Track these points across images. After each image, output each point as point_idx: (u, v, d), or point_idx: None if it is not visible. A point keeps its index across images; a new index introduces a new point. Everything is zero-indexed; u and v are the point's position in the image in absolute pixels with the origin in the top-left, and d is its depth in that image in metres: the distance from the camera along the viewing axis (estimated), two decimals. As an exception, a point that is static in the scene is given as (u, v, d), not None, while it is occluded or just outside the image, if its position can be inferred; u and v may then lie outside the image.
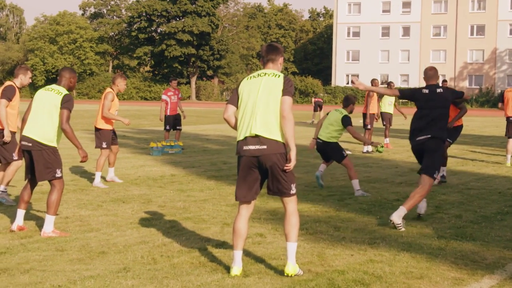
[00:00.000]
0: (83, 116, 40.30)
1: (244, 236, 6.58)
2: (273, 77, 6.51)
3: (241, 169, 6.54)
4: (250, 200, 6.59)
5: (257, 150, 6.39)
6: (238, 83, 6.71)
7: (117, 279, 6.37)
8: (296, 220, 6.57)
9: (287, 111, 6.37)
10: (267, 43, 6.84)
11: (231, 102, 6.66)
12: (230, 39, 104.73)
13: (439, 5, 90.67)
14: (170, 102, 20.14)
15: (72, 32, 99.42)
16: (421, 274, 6.66)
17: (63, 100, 8.36)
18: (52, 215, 8.30)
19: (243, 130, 6.48)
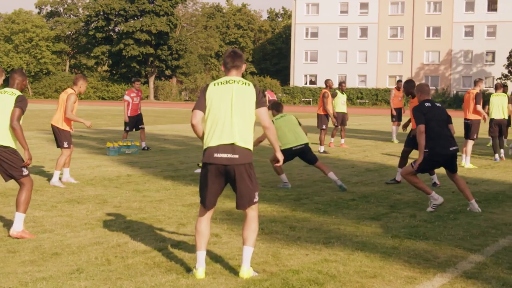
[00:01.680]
0: (39, 116, 39.80)
1: (207, 236, 6.62)
2: (243, 85, 6.54)
3: (208, 176, 6.49)
4: (212, 208, 6.66)
5: (228, 159, 6.38)
6: (204, 88, 6.62)
7: (70, 281, 6.30)
8: (256, 226, 6.63)
9: (268, 121, 6.59)
10: (230, 49, 6.79)
11: (199, 107, 6.51)
12: (188, 39, 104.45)
13: (396, 7, 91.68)
14: (132, 103, 20.06)
15: (28, 30, 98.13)
16: (375, 273, 6.72)
17: (16, 99, 8.37)
18: (23, 213, 8.21)
19: (214, 138, 6.41)
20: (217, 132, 6.41)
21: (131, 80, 21.53)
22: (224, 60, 6.72)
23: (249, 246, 6.55)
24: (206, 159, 6.44)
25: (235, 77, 6.61)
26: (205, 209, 6.63)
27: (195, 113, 6.51)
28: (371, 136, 28.14)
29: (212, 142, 6.41)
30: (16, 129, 8.29)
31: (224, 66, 6.72)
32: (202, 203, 6.63)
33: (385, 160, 17.80)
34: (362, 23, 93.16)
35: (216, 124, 6.42)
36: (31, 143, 21.47)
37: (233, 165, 6.40)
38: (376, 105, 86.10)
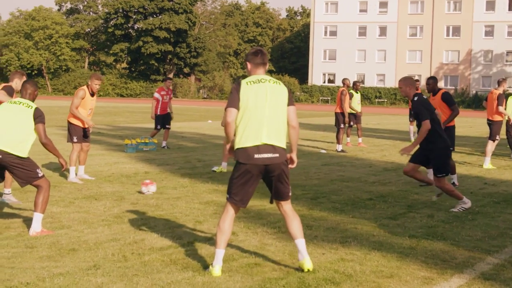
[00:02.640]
0: (58, 112, 40.01)
1: (229, 235, 6.65)
2: (275, 84, 6.56)
3: (247, 176, 6.45)
4: (245, 206, 6.67)
5: (270, 159, 6.40)
6: (236, 87, 6.50)
7: (86, 277, 6.32)
8: (298, 217, 6.79)
9: (296, 121, 6.63)
10: (256, 48, 6.77)
11: (234, 105, 6.40)
12: (207, 37, 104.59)
13: (416, 6, 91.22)
14: (161, 101, 20.13)
15: (47, 27, 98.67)
16: (391, 273, 6.69)
17: (35, 114, 8.47)
18: (41, 213, 8.24)
19: (250, 137, 6.38)
20: (253, 131, 6.38)
21: (163, 78, 21.54)
22: (250, 58, 6.68)
23: (302, 238, 6.65)
24: (244, 159, 6.39)
25: (265, 76, 6.60)
26: (236, 209, 6.62)
27: (231, 111, 6.40)
28: (389, 135, 28.03)
29: (248, 142, 6.38)
30: (48, 144, 8.48)
31: (250, 63, 6.66)
32: (234, 202, 6.56)
33: (403, 160, 17.68)
34: (381, 22, 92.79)
35: (252, 123, 6.38)
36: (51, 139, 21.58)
37: (274, 164, 6.43)
38: (394, 104, 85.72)
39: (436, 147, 10.15)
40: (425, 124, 9.96)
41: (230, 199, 6.58)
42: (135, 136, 22.43)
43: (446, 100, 12.85)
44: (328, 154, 19.00)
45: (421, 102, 10.12)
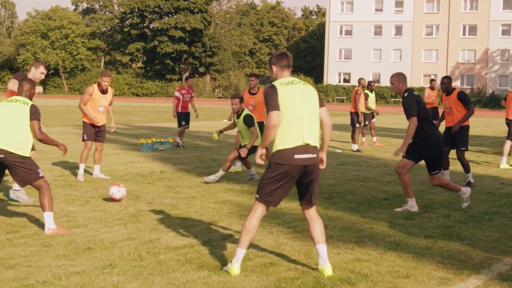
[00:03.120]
0: (74, 112, 40.17)
1: (254, 236, 6.68)
2: (305, 85, 6.60)
3: (285, 177, 6.41)
4: (276, 205, 6.66)
5: (309, 159, 6.42)
6: (272, 89, 6.41)
7: (102, 275, 6.34)
8: (322, 222, 6.80)
9: (330, 120, 6.73)
10: (280, 51, 6.77)
11: (276, 108, 6.35)
12: (222, 36, 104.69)
13: (432, 5, 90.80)
14: (182, 99, 20.23)
15: (64, 27, 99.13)
16: (408, 273, 6.66)
17: (31, 111, 8.45)
18: (50, 211, 8.27)
19: (291, 139, 6.37)
20: (293, 133, 6.37)
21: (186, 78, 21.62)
22: (275, 61, 6.64)
23: (324, 244, 6.63)
24: (284, 160, 6.36)
25: (293, 78, 6.61)
26: (266, 209, 6.58)
27: (275, 114, 6.33)
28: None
29: (289, 143, 6.37)
30: (44, 139, 8.49)
31: (276, 66, 6.64)
32: (266, 202, 6.52)
33: (419, 160, 17.61)
34: (397, 21, 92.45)
35: (291, 125, 6.37)
36: (66, 138, 21.72)
37: (311, 165, 6.45)
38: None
39: (429, 144, 10.08)
40: (413, 121, 9.85)
41: (261, 199, 6.52)
42: (150, 135, 22.48)
43: (462, 99, 12.79)
44: (343, 154, 18.96)
45: (411, 98, 9.98)
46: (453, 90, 12.94)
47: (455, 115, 12.82)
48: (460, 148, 12.87)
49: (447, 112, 13.02)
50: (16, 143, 8.29)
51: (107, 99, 12.92)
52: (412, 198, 10.17)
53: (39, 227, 8.48)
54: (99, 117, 12.84)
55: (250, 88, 14.90)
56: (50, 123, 30.00)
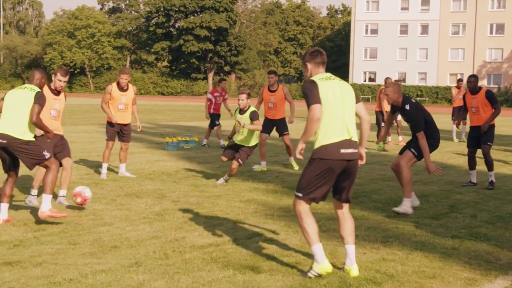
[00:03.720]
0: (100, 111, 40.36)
1: (317, 228, 6.57)
2: (341, 81, 6.58)
3: (327, 172, 6.35)
4: (322, 200, 6.59)
5: (351, 154, 6.40)
6: (312, 84, 6.38)
7: (128, 274, 6.37)
8: (353, 222, 6.76)
9: (368, 115, 6.75)
10: (313, 48, 6.75)
11: (318, 101, 6.30)
12: (247, 35, 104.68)
13: (458, 3, 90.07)
14: (214, 102, 20.34)
15: (90, 26, 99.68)
16: (434, 273, 6.62)
17: (36, 96, 8.62)
18: (49, 194, 8.51)
19: (335, 133, 6.33)
20: (336, 127, 6.34)
21: (218, 79, 21.66)
22: (309, 58, 6.61)
23: (353, 244, 6.61)
24: (329, 155, 6.31)
25: (329, 74, 6.57)
26: (309, 204, 6.50)
27: (318, 107, 6.28)
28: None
29: (333, 138, 6.32)
30: (38, 123, 8.57)
31: (311, 63, 6.60)
32: (311, 200, 6.46)
33: (445, 159, 17.52)
34: (423, 20, 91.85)
35: (334, 119, 6.34)
36: (92, 137, 21.85)
37: (354, 160, 6.45)
38: (436, 103, 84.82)
39: (435, 142, 10.13)
40: (422, 135, 9.77)
41: (304, 197, 6.44)
42: (176, 134, 22.56)
43: (489, 98, 12.64)
44: (369, 153, 18.86)
45: (416, 110, 9.89)
46: (480, 89, 12.80)
47: (481, 115, 12.66)
48: (487, 142, 12.67)
49: (472, 111, 12.83)
50: (18, 128, 8.49)
51: (127, 96, 12.89)
52: (409, 199, 9.85)
53: (65, 225, 8.54)
54: (120, 115, 12.82)
55: (270, 85, 14.84)
56: (76, 121, 30.21)
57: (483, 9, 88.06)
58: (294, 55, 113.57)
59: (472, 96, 12.82)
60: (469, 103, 12.85)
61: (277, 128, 14.92)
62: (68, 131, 22.98)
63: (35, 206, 9.74)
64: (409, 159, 10.03)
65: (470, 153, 12.86)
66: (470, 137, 12.89)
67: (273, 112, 14.82)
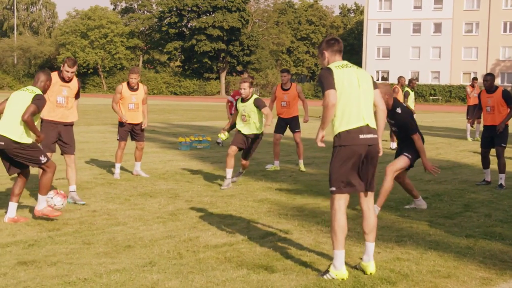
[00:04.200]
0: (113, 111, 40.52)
1: (346, 231, 6.43)
2: (358, 69, 6.50)
3: (350, 158, 6.28)
4: (362, 190, 6.47)
5: (372, 139, 6.34)
6: (327, 71, 6.32)
7: (142, 273, 6.38)
8: (376, 218, 6.66)
9: (384, 104, 6.67)
10: (329, 36, 6.70)
11: (333, 87, 6.24)
12: (260, 35, 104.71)
13: (472, 2, 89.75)
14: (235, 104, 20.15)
15: (103, 26, 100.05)
16: (449, 273, 6.59)
17: (34, 97, 8.58)
18: (44, 195, 8.69)
19: (352, 119, 6.26)
20: (355, 113, 6.27)
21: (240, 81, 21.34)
22: (326, 46, 6.53)
23: (372, 242, 6.57)
24: (349, 141, 6.24)
25: (346, 62, 6.51)
26: (346, 199, 6.41)
27: (332, 93, 6.22)
28: (444, 133, 27.65)
29: (351, 124, 6.25)
30: (28, 122, 8.46)
31: (327, 51, 6.52)
32: (345, 190, 6.35)
33: (459, 158, 17.45)
34: (436, 19, 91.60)
35: (351, 106, 6.27)
36: (105, 136, 21.91)
37: (374, 145, 6.38)
38: (449, 102, 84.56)
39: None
40: (418, 137, 9.74)
41: (337, 190, 6.36)
42: (188, 134, 22.58)
43: (506, 98, 12.52)
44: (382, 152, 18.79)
45: (407, 113, 9.83)
46: (496, 88, 12.70)
47: (497, 114, 12.55)
48: (501, 144, 12.59)
49: (487, 110, 12.72)
50: (16, 130, 8.49)
51: (137, 96, 12.91)
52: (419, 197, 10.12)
53: (80, 224, 8.57)
54: (131, 114, 12.85)
55: (283, 83, 14.80)
56: (89, 121, 30.31)
57: (496, 7, 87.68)
58: (307, 55, 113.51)
59: (487, 95, 12.71)
60: (484, 102, 12.75)
61: (290, 126, 14.90)
62: (81, 131, 23.09)
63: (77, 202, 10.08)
64: (405, 163, 9.95)
65: (484, 153, 12.79)
66: (483, 136, 12.81)
67: (286, 110, 14.80)
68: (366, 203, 6.61)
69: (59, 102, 10.28)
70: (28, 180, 9.19)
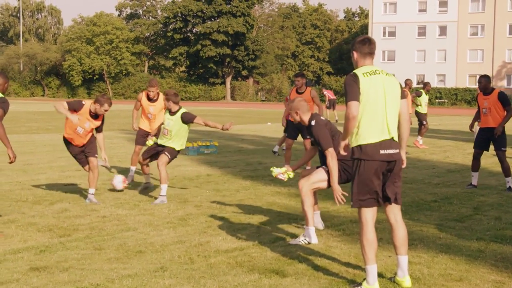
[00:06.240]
0: (119, 116, 40.55)
1: (377, 245, 6.22)
2: (388, 76, 6.23)
3: (368, 173, 6.06)
4: (380, 205, 6.25)
5: (393, 155, 6.10)
6: (353, 79, 6.07)
7: (154, 279, 6.39)
8: (406, 229, 6.43)
9: (408, 115, 6.36)
10: (363, 36, 6.38)
11: (356, 98, 5.98)
12: (265, 39, 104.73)
13: (477, 4, 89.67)
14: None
15: (108, 32, 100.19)
16: (461, 276, 6.58)
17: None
18: None
19: (374, 133, 6.05)
20: (376, 126, 6.04)
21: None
22: (357, 47, 6.28)
23: (405, 255, 6.33)
24: (368, 156, 6.03)
25: (377, 67, 6.24)
26: (373, 212, 6.19)
27: (354, 104, 5.97)
28: (451, 136, 27.61)
29: (372, 137, 6.03)
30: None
31: (357, 53, 6.27)
32: (368, 204, 6.15)
33: (467, 161, 17.38)
34: (441, 22, 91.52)
35: (374, 118, 6.04)
36: (113, 143, 21.94)
37: (396, 161, 6.15)
38: (455, 105, 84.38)
39: None
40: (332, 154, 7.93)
41: (356, 205, 6.17)
42: (196, 139, 22.58)
43: (502, 100, 12.46)
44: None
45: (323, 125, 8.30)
46: (493, 90, 12.66)
47: (494, 116, 12.47)
48: (501, 148, 12.53)
49: (483, 112, 12.65)
50: None
51: (155, 107, 12.99)
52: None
53: (90, 230, 8.59)
54: (148, 123, 13.05)
55: (297, 88, 14.69)
56: (97, 127, 30.31)
57: (502, 10, 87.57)
58: (312, 59, 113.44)
59: (484, 97, 12.65)
60: (481, 103, 12.68)
61: (301, 132, 14.75)
62: (89, 137, 23.11)
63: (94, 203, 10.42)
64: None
65: (476, 154, 12.72)
66: (478, 138, 12.75)
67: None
68: (393, 215, 6.38)
69: (78, 132, 10.84)
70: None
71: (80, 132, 10.74)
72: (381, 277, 6.47)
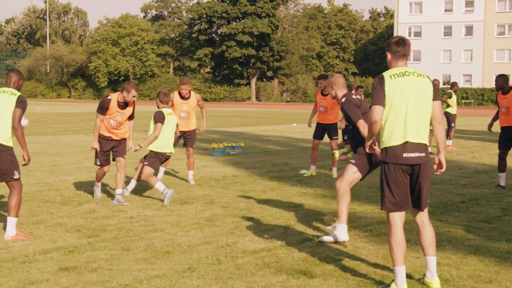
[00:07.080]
0: (145, 117, 40.72)
1: (405, 247, 6.18)
2: (419, 77, 6.13)
3: (394, 176, 6.05)
4: (408, 209, 6.21)
5: (418, 158, 6.03)
6: (379, 81, 6.05)
7: (182, 279, 6.42)
8: (434, 231, 6.39)
9: (441, 117, 6.27)
10: (398, 37, 6.27)
11: (380, 103, 5.97)
12: (290, 40, 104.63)
13: (503, 4, 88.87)
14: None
15: (134, 34, 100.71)
16: (490, 278, 6.52)
17: (17, 100, 8.37)
18: (14, 217, 8.24)
19: (398, 135, 5.99)
20: (400, 129, 5.98)
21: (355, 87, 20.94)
22: (390, 48, 6.21)
23: (434, 256, 6.28)
24: (392, 159, 6.01)
25: (409, 68, 6.16)
26: (401, 215, 6.16)
27: (378, 109, 5.97)
28: (478, 137, 27.40)
29: (396, 140, 5.99)
30: (18, 130, 8.27)
31: (391, 54, 6.21)
32: (396, 208, 6.12)
33: (494, 162, 17.17)
34: (467, 22, 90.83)
35: (399, 120, 5.99)
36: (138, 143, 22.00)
37: (421, 164, 6.08)
38: (482, 105, 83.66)
39: None
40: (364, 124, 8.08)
41: (384, 208, 6.16)
42: (221, 140, 22.63)
43: None
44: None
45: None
46: (511, 89, 12.54)
47: (511, 115, 12.39)
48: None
49: (502, 111, 12.53)
50: (3, 134, 8.25)
51: (188, 104, 13.13)
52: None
53: (118, 231, 8.64)
54: (182, 122, 13.10)
55: (322, 89, 14.69)
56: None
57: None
58: (337, 59, 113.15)
59: (502, 96, 12.56)
60: (500, 103, 12.60)
61: (328, 132, 14.72)
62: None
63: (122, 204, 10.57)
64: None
65: (502, 155, 12.63)
66: (501, 138, 12.66)
67: (324, 116, 14.61)
68: (420, 217, 6.34)
69: (111, 124, 10.92)
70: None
71: (113, 125, 10.92)
72: (410, 278, 6.44)
